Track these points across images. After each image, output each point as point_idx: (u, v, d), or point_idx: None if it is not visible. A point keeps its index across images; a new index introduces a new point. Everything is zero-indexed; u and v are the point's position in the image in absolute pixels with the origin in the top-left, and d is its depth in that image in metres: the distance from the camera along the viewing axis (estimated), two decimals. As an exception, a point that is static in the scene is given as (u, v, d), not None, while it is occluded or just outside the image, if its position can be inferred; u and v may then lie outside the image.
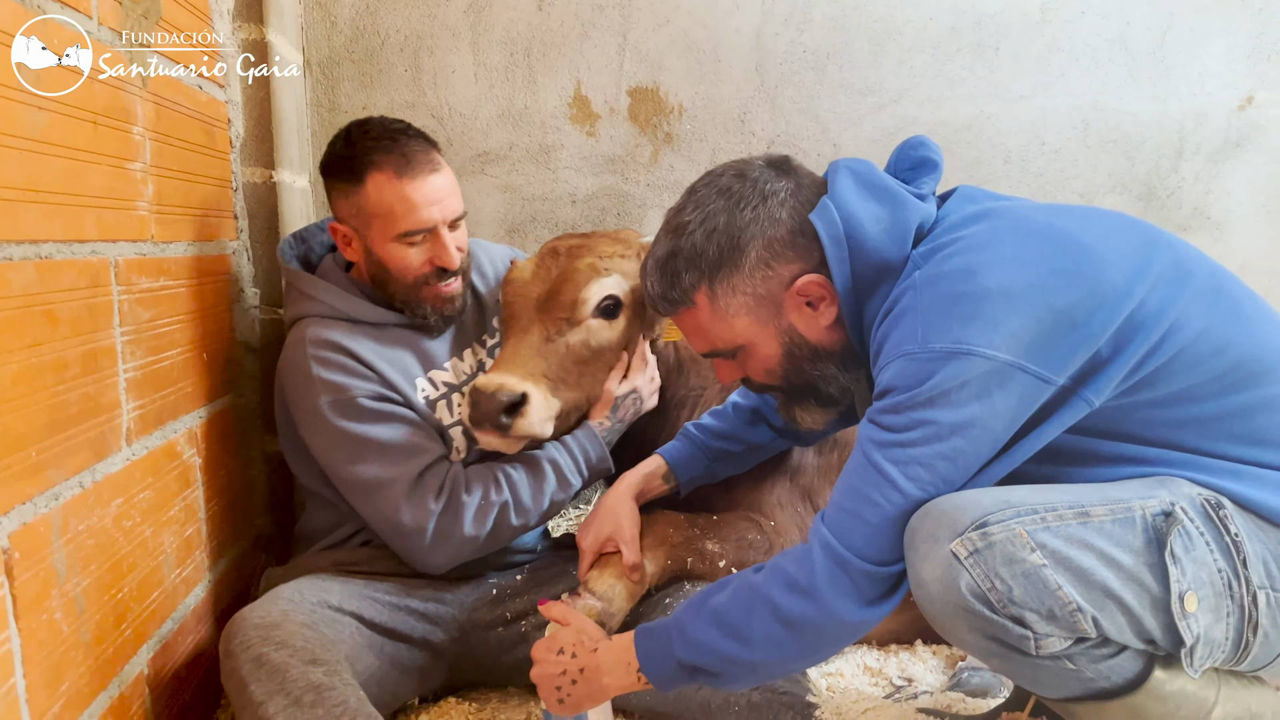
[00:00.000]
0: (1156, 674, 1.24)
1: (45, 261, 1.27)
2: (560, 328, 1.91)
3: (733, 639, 1.33)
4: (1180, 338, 1.27)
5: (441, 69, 2.66)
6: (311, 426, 1.82)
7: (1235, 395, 1.29)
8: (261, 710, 1.43)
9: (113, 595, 1.43)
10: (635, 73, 2.69)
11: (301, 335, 1.86)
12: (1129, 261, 1.28)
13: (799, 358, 1.50)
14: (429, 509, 1.76)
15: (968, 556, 1.19)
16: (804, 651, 1.33)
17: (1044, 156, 2.74)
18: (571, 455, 1.91)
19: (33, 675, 1.20)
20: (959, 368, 1.23)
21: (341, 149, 1.87)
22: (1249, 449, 1.29)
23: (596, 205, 2.74)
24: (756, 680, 1.39)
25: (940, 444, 1.24)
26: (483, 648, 1.89)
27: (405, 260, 1.87)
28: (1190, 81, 2.71)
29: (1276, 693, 1.35)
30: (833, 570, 1.28)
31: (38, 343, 1.24)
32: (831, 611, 1.28)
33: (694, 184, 1.50)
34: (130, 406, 1.52)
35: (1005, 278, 1.25)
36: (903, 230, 1.40)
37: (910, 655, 2.03)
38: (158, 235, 1.67)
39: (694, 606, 1.40)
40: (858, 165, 1.47)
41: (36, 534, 1.22)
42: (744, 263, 1.43)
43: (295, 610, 1.62)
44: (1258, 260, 2.77)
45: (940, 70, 2.70)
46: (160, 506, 1.63)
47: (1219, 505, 1.24)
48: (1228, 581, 1.22)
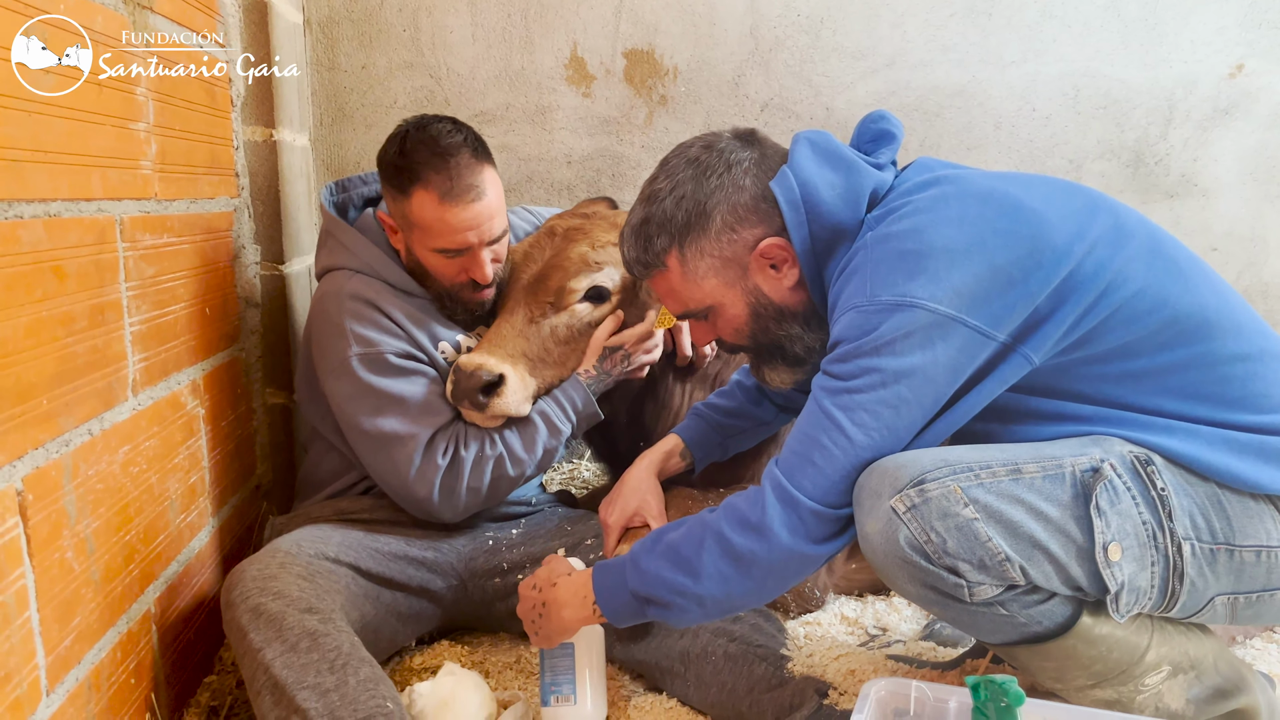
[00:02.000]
0: (1085, 619, 1.32)
1: (53, 220, 1.33)
2: (545, 311, 2.00)
3: (683, 572, 1.40)
4: (1117, 296, 1.33)
5: (440, 29, 2.69)
6: (337, 376, 1.90)
7: (1170, 351, 1.35)
8: (260, 656, 1.51)
9: (121, 537, 1.51)
10: (631, 35, 2.72)
11: (338, 288, 1.94)
12: (1069, 223, 1.35)
13: (765, 317, 1.58)
14: (437, 464, 1.86)
15: (906, 511, 1.27)
16: (751, 587, 1.39)
17: (1034, 122, 2.77)
18: (559, 404, 1.98)
19: (46, 610, 1.27)
20: (903, 319, 1.30)
21: (395, 156, 1.89)
22: (1183, 404, 1.36)
23: (591, 166, 2.78)
24: (705, 616, 1.44)
25: (884, 390, 1.31)
26: (478, 595, 1.97)
27: (441, 269, 1.96)
28: (1181, 49, 2.73)
29: (1215, 638, 1.43)
30: (782, 509, 1.35)
31: (47, 297, 1.30)
32: (779, 548, 1.35)
33: (666, 156, 1.59)
34: (136, 358, 1.59)
35: (949, 236, 1.33)
36: (856, 195, 1.48)
37: (886, 606, 2.11)
38: (161, 193, 1.72)
39: (650, 541, 1.47)
40: (816, 136, 1.55)
41: (48, 478, 1.29)
42: (710, 227, 1.51)
43: (292, 562, 1.69)
44: (1243, 227, 2.81)
45: (933, 35, 2.73)
46: (165, 454, 1.70)
47: (1148, 461, 1.32)
48: (1152, 533, 1.30)
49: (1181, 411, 1.36)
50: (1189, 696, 1.38)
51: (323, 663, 1.49)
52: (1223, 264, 2.79)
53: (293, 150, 2.42)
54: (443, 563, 1.95)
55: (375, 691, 1.49)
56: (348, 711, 1.44)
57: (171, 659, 1.68)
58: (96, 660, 1.41)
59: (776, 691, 1.60)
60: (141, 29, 1.66)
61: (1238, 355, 1.37)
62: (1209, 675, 1.39)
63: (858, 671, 1.72)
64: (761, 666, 1.65)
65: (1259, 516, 1.33)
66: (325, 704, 1.44)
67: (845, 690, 1.62)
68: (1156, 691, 1.37)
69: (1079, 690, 1.38)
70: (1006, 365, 1.34)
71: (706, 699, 1.68)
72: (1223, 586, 1.33)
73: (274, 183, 2.33)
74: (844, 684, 1.65)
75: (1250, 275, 2.84)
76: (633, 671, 1.85)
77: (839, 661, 1.77)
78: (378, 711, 1.45)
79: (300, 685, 1.46)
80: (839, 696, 1.59)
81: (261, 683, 1.49)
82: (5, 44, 1.22)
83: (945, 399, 1.34)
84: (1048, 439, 1.38)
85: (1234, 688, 1.40)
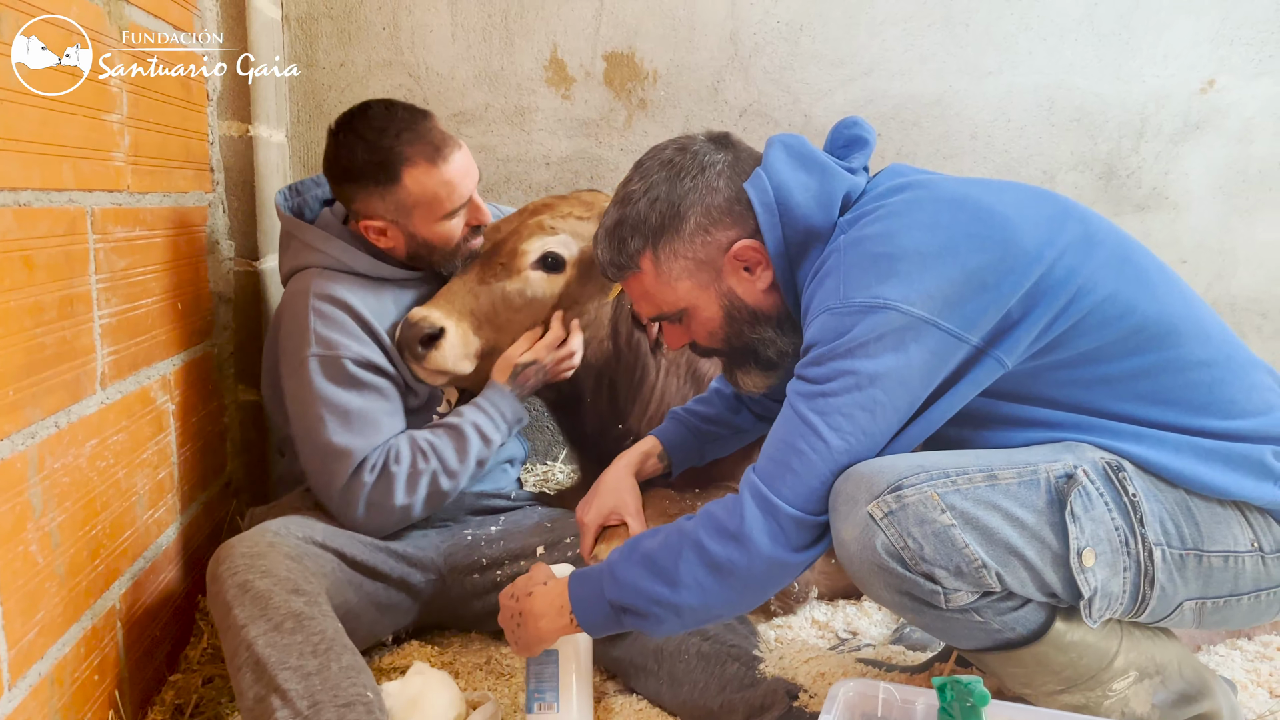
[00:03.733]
0: (1057, 625, 1.33)
1: (24, 209, 1.32)
2: (497, 273, 2.03)
3: (661, 581, 1.38)
4: (1087, 301, 1.34)
5: (419, 27, 2.68)
6: (293, 374, 1.88)
7: (1139, 357, 1.37)
8: (244, 633, 1.50)
9: (86, 532, 1.49)
10: (611, 37, 2.73)
11: (306, 286, 1.92)
12: (1039, 229, 1.36)
13: (738, 320, 1.57)
14: (363, 481, 1.84)
15: (883, 518, 1.26)
16: (730, 597, 1.38)
17: (1009, 133, 2.80)
18: (489, 415, 1.99)
19: (9, 603, 1.26)
20: (876, 321, 1.30)
21: (365, 154, 1.87)
22: (1152, 409, 1.37)
23: (570, 168, 2.79)
24: (683, 626, 1.42)
25: (859, 394, 1.31)
26: (456, 590, 1.97)
27: (449, 233, 1.98)
28: (1154, 63, 2.77)
29: (1180, 644, 1.45)
30: (761, 517, 1.34)
31: (15, 287, 1.29)
32: (759, 556, 1.33)
33: (640, 158, 1.59)
34: (105, 351, 1.57)
35: (921, 240, 1.34)
36: (829, 198, 1.48)
37: (857, 610, 2.12)
38: (134, 186, 1.71)
39: (627, 549, 1.45)
40: (790, 140, 1.55)
41: (13, 469, 1.28)
42: (684, 229, 1.51)
43: (281, 542, 1.68)
44: (1212, 240, 2.85)
45: (911, 44, 2.75)
46: (133, 449, 1.69)
47: (1119, 468, 1.33)
48: (1124, 538, 1.31)
49: (1150, 417, 1.37)
50: (1154, 701, 1.39)
51: (306, 645, 1.49)
52: (1191, 276, 2.82)
53: (269, 146, 2.40)
54: (423, 557, 1.94)
55: (356, 680, 1.49)
56: (328, 696, 1.43)
57: (136, 656, 1.67)
58: (60, 655, 1.39)
59: (748, 691, 1.60)
60: (117, 21, 1.64)
61: (1204, 361, 1.38)
62: (1174, 680, 1.40)
63: (828, 674, 1.72)
64: (734, 666, 1.66)
65: (1226, 522, 1.35)
66: (306, 686, 1.44)
67: (815, 693, 1.62)
68: (1123, 696, 1.39)
69: (1047, 695, 1.39)
70: (979, 369, 1.35)
71: (678, 697, 1.68)
72: (1191, 591, 1.34)
73: (249, 178, 2.32)
74: (814, 686, 1.65)
75: (1219, 288, 2.87)
76: (606, 671, 1.85)
77: (809, 664, 1.78)
78: (358, 699, 1.45)
79: (283, 665, 1.46)
80: (809, 699, 1.60)
81: (243, 659, 1.48)
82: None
83: (919, 402, 1.34)
84: (1020, 444, 1.39)
85: (1198, 693, 1.41)
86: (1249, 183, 2.82)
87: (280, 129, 2.54)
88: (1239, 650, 1.89)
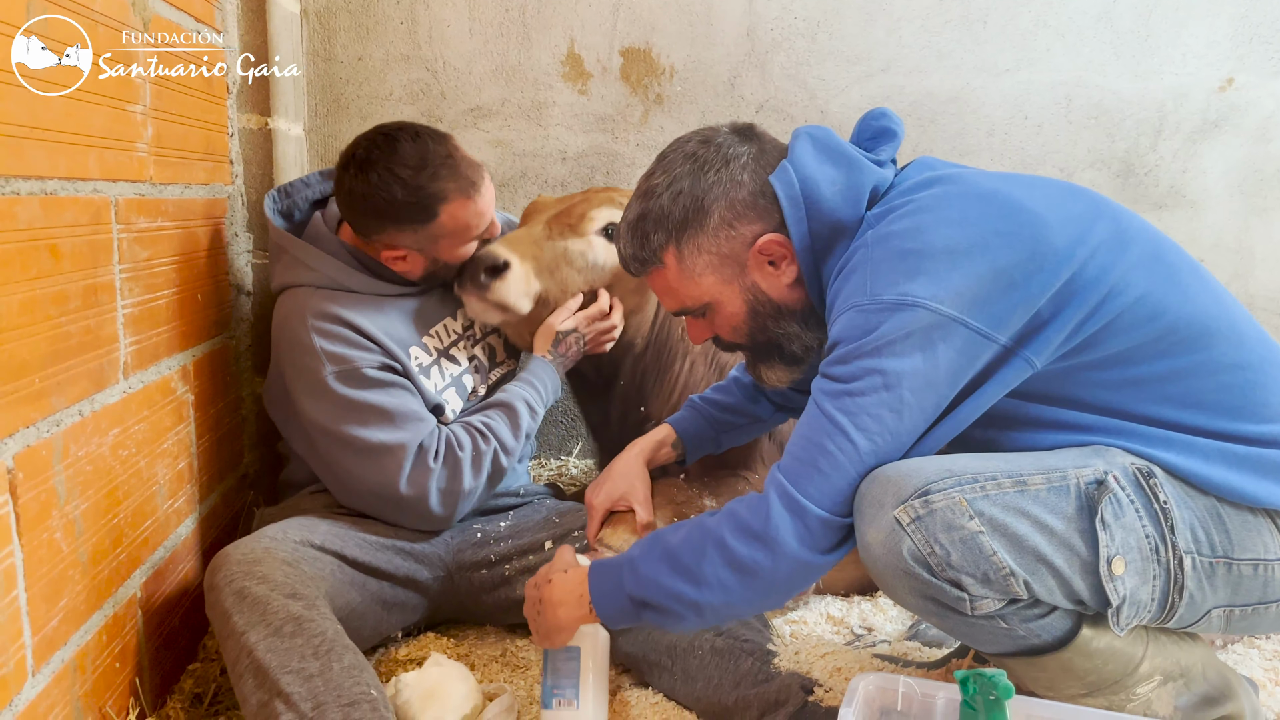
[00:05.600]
0: (1084, 632, 1.32)
1: (50, 197, 1.33)
2: (564, 232, 2.07)
3: (684, 579, 1.36)
4: (1118, 302, 1.32)
5: (437, 22, 2.69)
6: (315, 396, 1.85)
7: (1170, 359, 1.34)
8: (244, 639, 1.50)
9: (109, 520, 1.50)
10: (628, 33, 2.72)
11: (300, 307, 1.89)
12: (1071, 227, 1.34)
13: (763, 315, 1.56)
14: (429, 468, 1.84)
15: (910, 523, 1.25)
16: (753, 597, 1.36)
17: (1026, 130, 2.79)
18: (536, 389, 2.02)
19: (34, 590, 1.27)
20: (904, 319, 1.28)
21: (404, 195, 1.84)
22: (1182, 412, 1.35)
23: (586, 163, 2.79)
24: (703, 622, 1.40)
25: (886, 394, 1.29)
26: (465, 587, 1.97)
27: (469, 252, 2.00)
28: (1173, 61, 2.76)
29: (1205, 646, 1.44)
30: (788, 518, 1.31)
31: (42, 275, 1.30)
32: (785, 558, 1.31)
33: (663, 150, 1.57)
34: (127, 341, 1.58)
35: (950, 237, 1.32)
36: (856, 192, 1.46)
37: (872, 606, 2.11)
38: (156, 176, 1.71)
39: (649, 543, 1.44)
40: (817, 132, 1.53)
41: (39, 457, 1.28)
42: (708, 223, 1.49)
43: (278, 548, 1.68)
44: (1229, 239, 2.84)
45: (928, 41, 2.74)
46: (154, 439, 1.69)
47: (1150, 474, 1.31)
48: (1155, 546, 1.29)
49: (1181, 420, 1.35)
50: (1177, 704, 1.38)
51: (307, 648, 1.49)
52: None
53: (288, 139, 2.41)
54: (430, 554, 1.94)
55: (359, 679, 1.48)
56: (331, 697, 1.44)
57: (156, 645, 1.67)
58: (82, 642, 1.40)
59: (762, 687, 1.60)
60: (140, 12, 1.65)
61: (1238, 364, 1.36)
62: (1197, 683, 1.39)
63: (844, 669, 1.72)
64: (748, 661, 1.66)
65: (1257, 530, 1.33)
66: (309, 689, 1.44)
67: (831, 688, 1.62)
68: (1146, 700, 1.37)
69: (1070, 699, 1.38)
70: (1008, 369, 1.33)
71: (693, 693, 1.68)
72: (1220, 599, 1.33)
73: (268, 171, 2.32)
74: (830, 681, 1.65)
75: (1236, 287, 2.86)
76: (620, 665, 1.85)
77: (825, 659, 1.78)
78: (361, 698, 1.45)
79: (284, 670, 1.46)
80: (824, 694, 1.59)
81: (244, 666, 1.48)
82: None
83: (946, 402, 1.32)
84: (1048, 448, 1.37)
85: (1221, 694, 1.40)
86: (1267, 181, 2.81)
87: (298, 123, 2.55)
88: (1257, 649, 1.89)
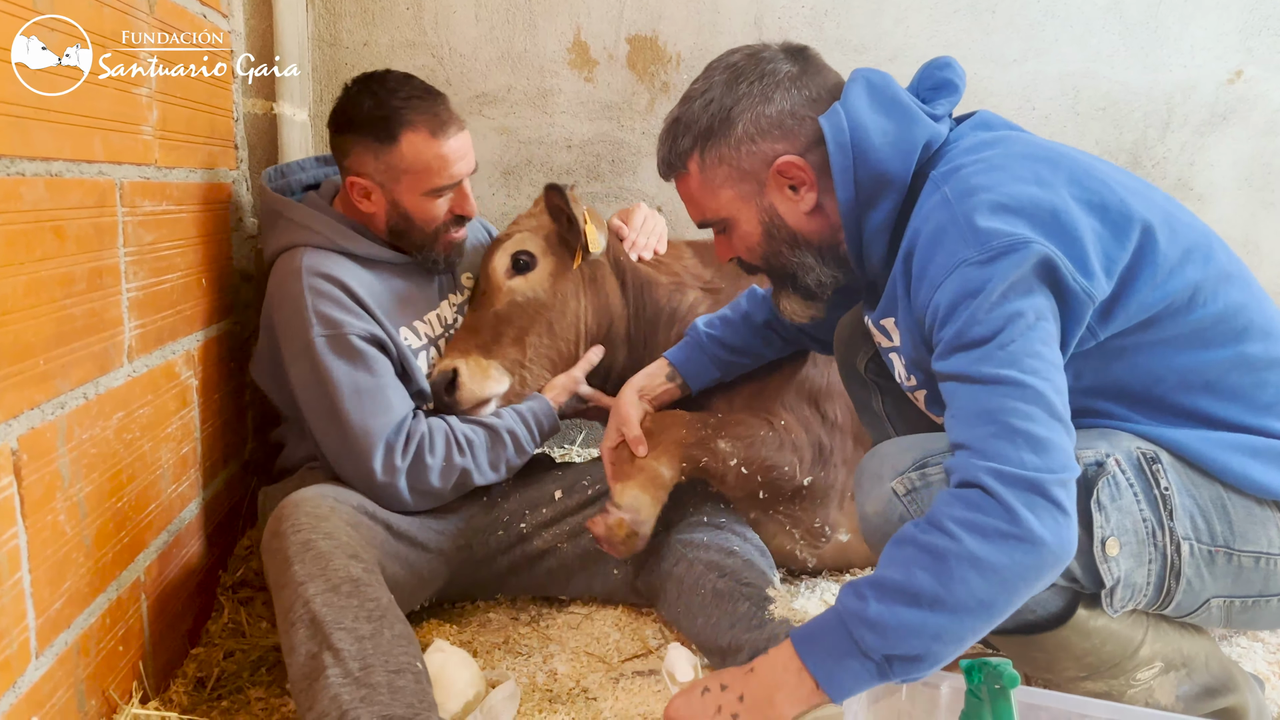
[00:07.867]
0: (1081, 611, 1.32)
1: (55, 179, 1.32)
2: (484, 302, 2.10)
3: (937, 611, 1.17)
4: (1171, 286, 1.30)
5: (443, 8, 2.67)
6: (299, 359, 1.85)
7: (1215, 350, 1.33)
8: (302, 589, 1.52)
9: (113, 503, 1.50)
10: (635, 20, 2.71)
11: (297, 266, 1.89)
12: (1136, 198, 1.31)
13: (777, 240, 1.52)
14: (396, 465, 1.83)
15: (906, 494, 1.26)
16: (1016, 601, 1.19)
17: (1034, 121, 2.78)
18: (528, 427, 2.02)
19: (37, 572, 1.26)
20: (1019, 257, 1.22)
21: (371, 108, 1.89)
22: (1215, 403, 1.34)
23: (591, 151, 2.78)
24: (957, 652, 1.21)
25: (1034, 331, 1.22)
26: (483, 552, 2.00)
27: (431, 211, 1.97)
28: (1181, 53, 2.75)
29: (1210, 639, 1.44)
30: (1026, 496, 1.16)
31: (47, 256, 1.29)
32: (1046, 542, 1.15)
33: (714, 59, 1.54)
34: (132, 325, 1.58)
35: (1034, 195, 1.27)
36: (909, 145, 1.40)
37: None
38: (161, 160, 1.71)
39: (860, 592, 1.22)
40: (875, 77, 1.48)
41: (43, 439, 1.28)
42: (731, 135, 1.47)
43: (341, 508, 1.70)
44: (1236, 232, 2.83)
45: (936, 31, 2.73)
46: (159, 423, 1.69)
47: (1154, 459, 1.30)
48: (1151, 530, 1.29)
49: (1213, 412, 1.34)
50: (1179, 694, 1.39)
51: (361, 610, 1.51)
52: (1216, 268, 2.80)
53: (292, 125, 2.40)
54: (449, 526, 1.96)
55: (407, 649, 1.51)
56: (379, 660, 1.46)
57: (160, 629, 1.67)
58: (86, 625, 1.40)
59: (755, 633, 1.66)
60: (146, -7, 1.64)
61: (1276, 360, 1.35)
62: (1200, 673, 1.40)
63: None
64: (745, 605, 1.71)
65: (1263, 523, 1.32)
66: (360, 649, 1.46)
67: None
68: (1147, 687, 1.38)
69: (1070, 681, 1.39)
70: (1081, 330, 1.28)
71: (693, 628, 1.78)
72: (1219, 589, 1.33)
73: (273, 156, 2.32)
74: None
75: (1242, 281, 2.85)
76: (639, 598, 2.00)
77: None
78: (407, 667, 1.47)
79: (338, 625, 1.48)
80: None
81: (299, 614, 1.50)
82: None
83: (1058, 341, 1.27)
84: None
85: (1223, 687, 1.41)
86: (1275, 175, 2.80)
87: (303, 108, 2.54)
88: (1262, 643, 1.88)
